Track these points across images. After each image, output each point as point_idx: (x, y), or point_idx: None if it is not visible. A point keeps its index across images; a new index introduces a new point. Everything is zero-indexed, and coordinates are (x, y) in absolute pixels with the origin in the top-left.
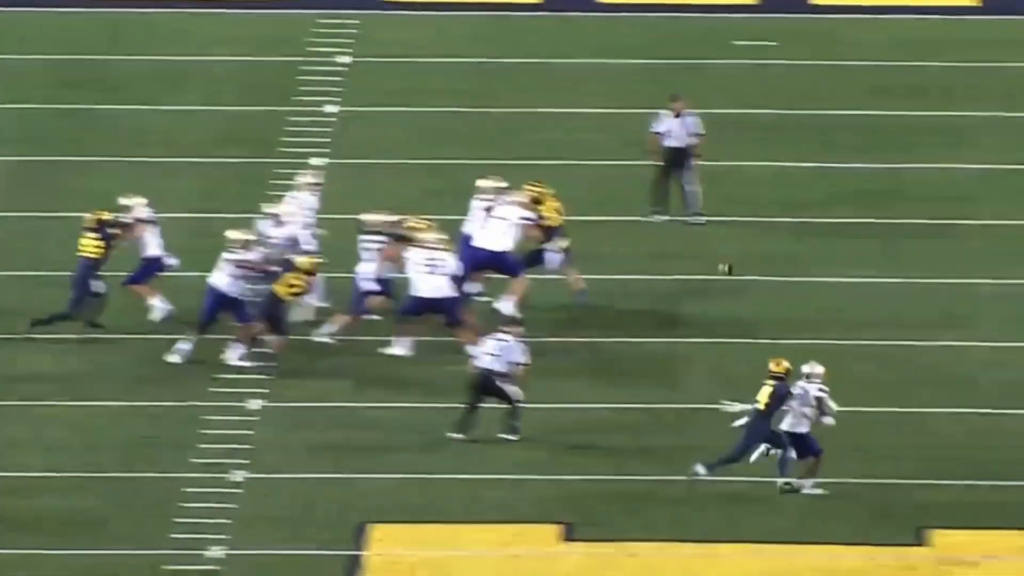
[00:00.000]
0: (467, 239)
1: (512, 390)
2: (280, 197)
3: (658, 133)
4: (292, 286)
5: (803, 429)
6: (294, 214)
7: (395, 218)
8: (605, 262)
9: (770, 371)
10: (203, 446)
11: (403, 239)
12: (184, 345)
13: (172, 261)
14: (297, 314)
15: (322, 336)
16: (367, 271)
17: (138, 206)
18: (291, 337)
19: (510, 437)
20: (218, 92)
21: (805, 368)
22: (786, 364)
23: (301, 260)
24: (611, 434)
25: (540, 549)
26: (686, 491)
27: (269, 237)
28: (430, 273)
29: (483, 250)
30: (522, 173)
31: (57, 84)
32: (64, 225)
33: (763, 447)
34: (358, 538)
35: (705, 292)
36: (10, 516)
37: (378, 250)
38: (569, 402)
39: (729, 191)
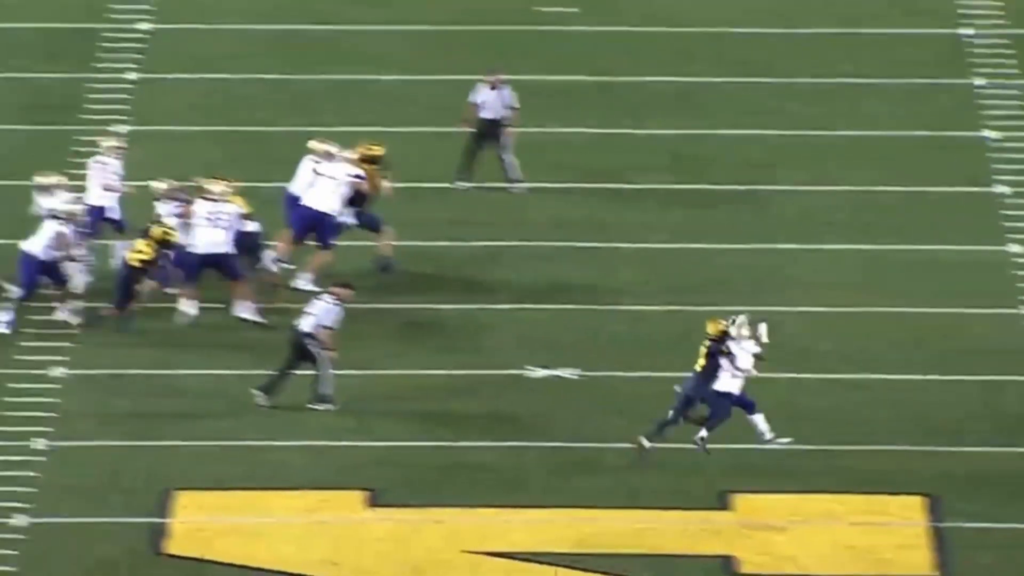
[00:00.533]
0: (294, 199)
1: (323, 355)
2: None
3: (475, 104)
4: (140, 252)
5: (734, 389)
6: (90, 180)
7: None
8: (414, 228)
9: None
10: (5, 414)
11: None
12: (4, 315)
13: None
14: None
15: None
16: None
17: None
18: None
19: (319, 407)
20: (18, 60)
21: (732, 330)
22: (722, 326)
23: (154, 229)
24: (418, 400)
25: (346, 515)
26: (505, 459)
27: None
28: (211, 227)
29: (310, 209)
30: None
31: None
32: None
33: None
34: (163, 505)
35: (513, 258)
36: None
37: (178, 216)
38: (376, 368)
39: (548, 158)
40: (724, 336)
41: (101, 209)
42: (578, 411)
